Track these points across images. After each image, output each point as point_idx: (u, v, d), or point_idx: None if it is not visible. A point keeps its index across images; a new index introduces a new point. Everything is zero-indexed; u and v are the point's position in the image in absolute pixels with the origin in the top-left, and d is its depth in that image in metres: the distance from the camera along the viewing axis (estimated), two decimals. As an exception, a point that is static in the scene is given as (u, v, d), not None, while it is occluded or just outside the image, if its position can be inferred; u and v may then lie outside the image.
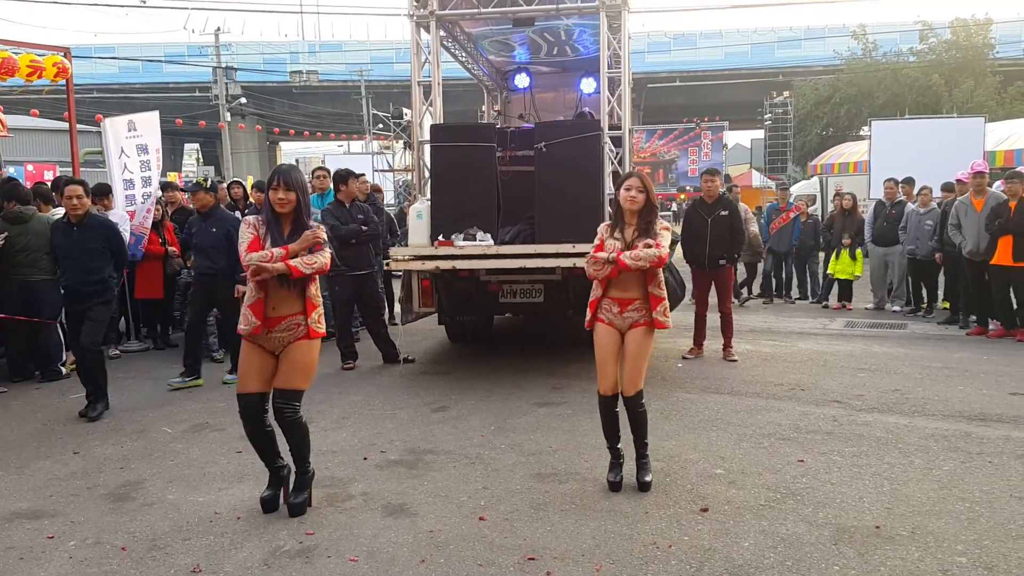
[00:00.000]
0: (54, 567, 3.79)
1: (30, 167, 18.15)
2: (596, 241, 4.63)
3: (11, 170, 17.34)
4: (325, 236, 4.38)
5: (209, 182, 7.69)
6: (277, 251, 4.16)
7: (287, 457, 4.47)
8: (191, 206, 10.53)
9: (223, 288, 7.40)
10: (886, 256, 11.26)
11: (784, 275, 12.93)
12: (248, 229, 4.27)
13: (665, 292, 4.62)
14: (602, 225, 4.74)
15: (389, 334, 8.37)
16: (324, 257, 4.26)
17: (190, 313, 7.69)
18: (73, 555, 3.91)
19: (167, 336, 9.45)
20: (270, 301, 4.23)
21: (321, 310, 4.36)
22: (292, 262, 4.15)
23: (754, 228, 12.20)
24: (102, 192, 9.10)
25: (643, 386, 4.58)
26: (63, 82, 9.86)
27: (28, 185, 9.05)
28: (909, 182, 11.46)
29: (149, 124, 10.16)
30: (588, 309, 4.65)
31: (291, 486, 4.44)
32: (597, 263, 4.50)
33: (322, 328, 4.35)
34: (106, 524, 4.27)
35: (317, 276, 4.32)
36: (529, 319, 10.16)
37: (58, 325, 7.76)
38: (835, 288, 12.09)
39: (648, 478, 4.60)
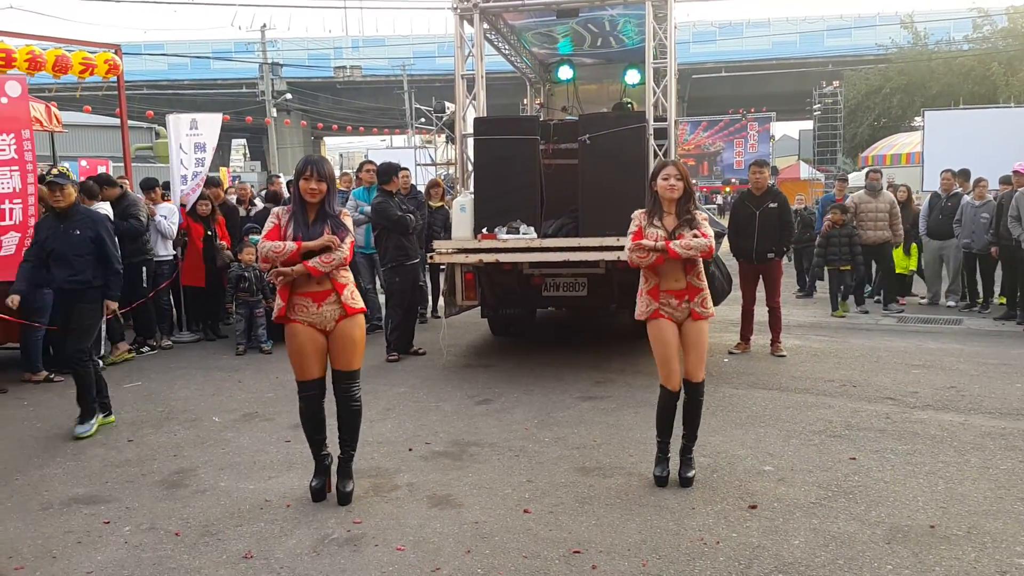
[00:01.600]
0: (110, 551, 3.87)
1: (83, 162, 18.54)
2: (633, 228, 4.57)
3: (66, 165, 17.75)
4: (350, 223, 4.43)
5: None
6: (289, 244, 4.20)
7: (331, 447, 4.52)
8: (230, 200, 10.75)
9: (88, 306, 5.91)
10: (941, 250, 10.99)
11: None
12: (271, 219, 4.36)
13: (705, 282, 4.57)
14: (637, 212, 4.64)
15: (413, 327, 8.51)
16: (343, 251, 4.28)
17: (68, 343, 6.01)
18: (128, 540, 3.99)
19: (216, 327, 9.59)
20: (312, 278, 4.27)
21: (352, 287, 4.39)
22: (310, 263, 4.20)
23: None
24: (147, 186, 9.28)
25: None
26: (114, 79, 10.07)
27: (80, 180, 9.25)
28: (964, 175, 11.16)
29: (210, 124, 10.39)
30: (639, 300, 4.57)
31: (336, 474, 4.49)
32: (642, 250, 4.45)
33: (357, 303, 4.37)
34: (160, 510, 4.36)
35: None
36: (572, 312, 10.13)
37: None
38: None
39: (691, 474, 4.56)
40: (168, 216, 8.99)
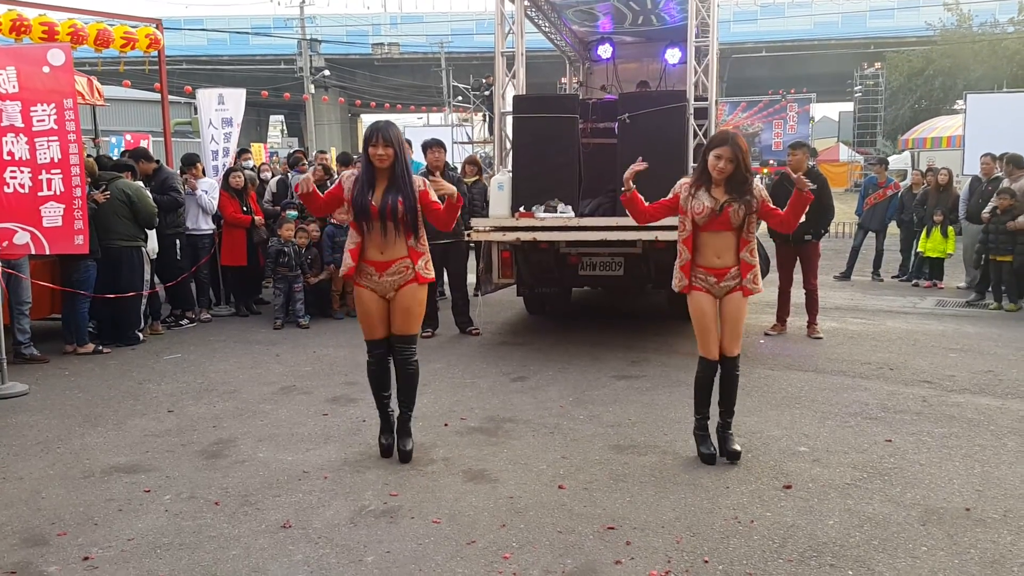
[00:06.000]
0: (151, 519, 3.96)
1: (128, 136, 18.85)
2: (670, 195, 4.54)
3: (112, 140, 18.07)
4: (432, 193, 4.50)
5: None
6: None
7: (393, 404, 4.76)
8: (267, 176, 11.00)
9: None
10: (980, 234, 10.76)
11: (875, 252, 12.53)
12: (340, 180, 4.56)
13: (757, 259, 4.54)
14: (683, 180, 4.58)
15: (469, 307, 8.39)
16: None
17: None
18: (169, 508, 4.08)
19: (250, 304, 9.65)
20: (376, 245, 4.45)
21: (428, 257, 4.55)
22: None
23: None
24: (189, 162, 9.39)
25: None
26: (155, 53, 10.15)
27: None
28: (1015, 161, 10.89)
29: (235, 99, 10.55)
30: (680, 272, 4.54)
31: (396, 434, 4.74)
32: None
33: (430, 274, 4.55)
34: (200, 479, 4.45)
35: (423, 231, 4.52)
36: (608, 292, 10.12)
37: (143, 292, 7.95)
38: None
39: (736, 447, 4.56)
40: (209, 191, 9.10)
